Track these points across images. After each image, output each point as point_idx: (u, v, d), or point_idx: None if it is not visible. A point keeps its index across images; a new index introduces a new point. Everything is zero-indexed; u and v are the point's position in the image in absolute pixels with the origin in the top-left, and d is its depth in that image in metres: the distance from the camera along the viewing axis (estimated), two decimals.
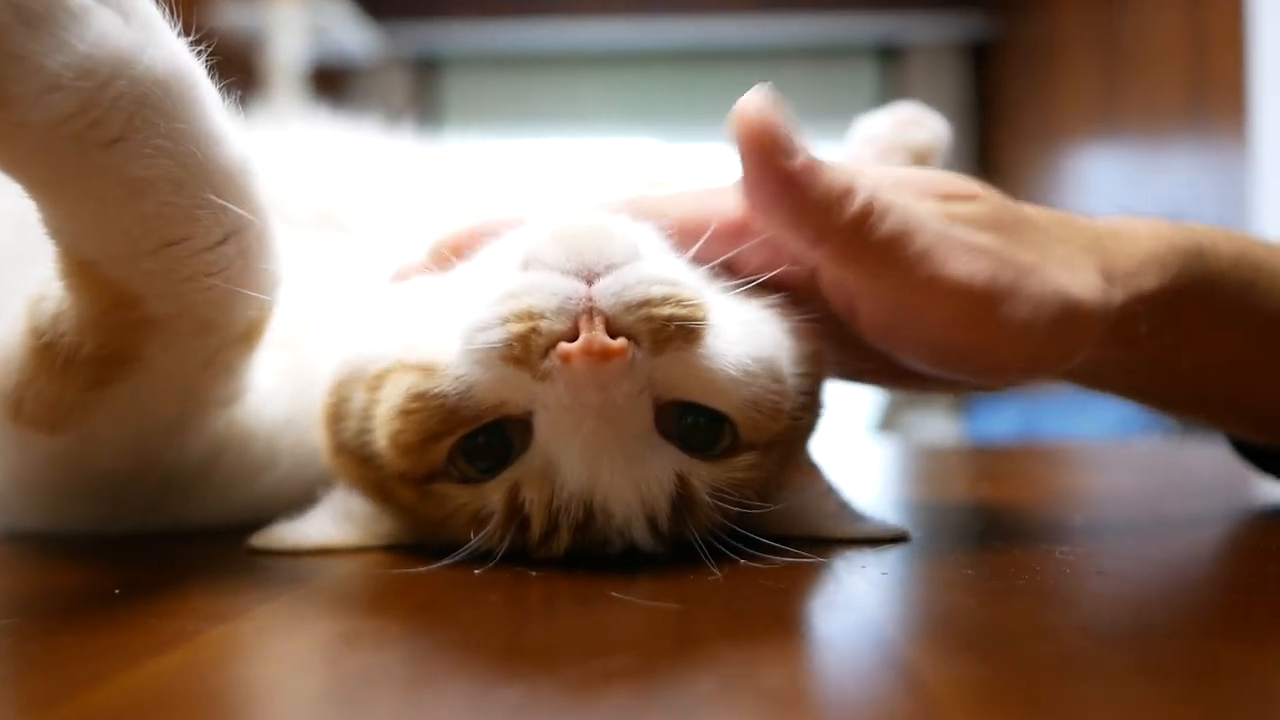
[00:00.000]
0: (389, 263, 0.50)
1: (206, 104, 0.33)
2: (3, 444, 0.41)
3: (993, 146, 3.78)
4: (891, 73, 3.88)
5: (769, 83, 0.37)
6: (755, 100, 0.36)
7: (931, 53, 3.82)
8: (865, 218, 0.36)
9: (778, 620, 0.32)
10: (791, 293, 0.41)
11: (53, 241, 0.35)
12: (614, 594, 0.33)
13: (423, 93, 3.97)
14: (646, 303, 0.35)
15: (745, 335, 0.38)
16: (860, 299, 0.40)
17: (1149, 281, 0.41)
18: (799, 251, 0.39)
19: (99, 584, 0.36)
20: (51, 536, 0.45)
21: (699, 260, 0.40)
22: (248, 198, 0.35)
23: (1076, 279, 0.39)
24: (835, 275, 0.39)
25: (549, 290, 0.35)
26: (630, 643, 0.27)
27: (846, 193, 0.36)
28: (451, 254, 0.41)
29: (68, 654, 0.27)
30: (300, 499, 0.43)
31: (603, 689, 0.24)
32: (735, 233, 0.40)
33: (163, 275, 0.34)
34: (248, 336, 0.39)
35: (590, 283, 0.35)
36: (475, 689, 0.24)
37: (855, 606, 0.32)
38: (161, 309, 0.35)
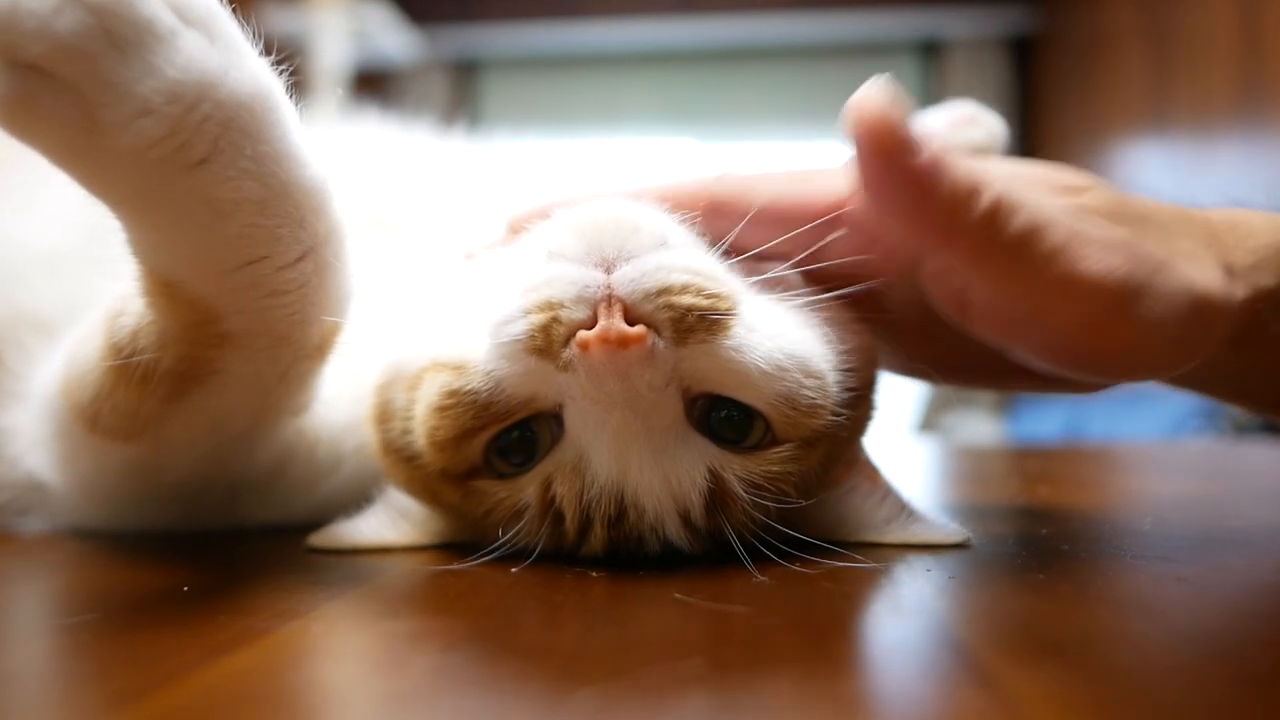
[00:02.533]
0: (433, 263, 0.50)
1: (287, 124, 0.33)
2: (78, 452, 0.42)
3: (1037, 143, 3.71)
4: (934, 69, 3.83)
5: (885, 76, 0.34)
6: (876, 94, 0.33)
7: (974, 48, 3.77)
8: (995, 215, 0.34)
9: (847, 625, 0.31)
10: (854, 283, 0.40)
11: (135, 260, 0.35)
12: (679, 596, 0.32)
13: (462, 94, 4.00)
14: (665, 290, 0.35)
15: (779, 329, 0.37)
16: (978, 296, 0.37)
17: (1268, 278, 0.38)
18: (920, 250, 0.37)
19: (169, 581, 0.36)
20: (118, 534, 0.45)
21: (790, 250, 0.39)
22: (326, 215, 0.35)
23: (1202, 273, 0.37)
24: (952, 272, 0.37)
25: (568, 280, 0.35)
26: (701, 646, 0.27)
27: (974, 190, 0.34)
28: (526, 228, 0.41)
29: (146, 651, 0.27)
30: (361, 500, 0.43)
31: (679, 693, 0.23)
32: (830, 221, 0.39)
33: (243, 292, 0.34)
34: (321, 349, 0.39)
35: (610, 272, 0.35)
36: (550, 691, 0.24)
37: (925, 611, 0.32)
38: (240, 325, 0.36)
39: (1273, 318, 0.38)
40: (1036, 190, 0.37)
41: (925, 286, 0.39)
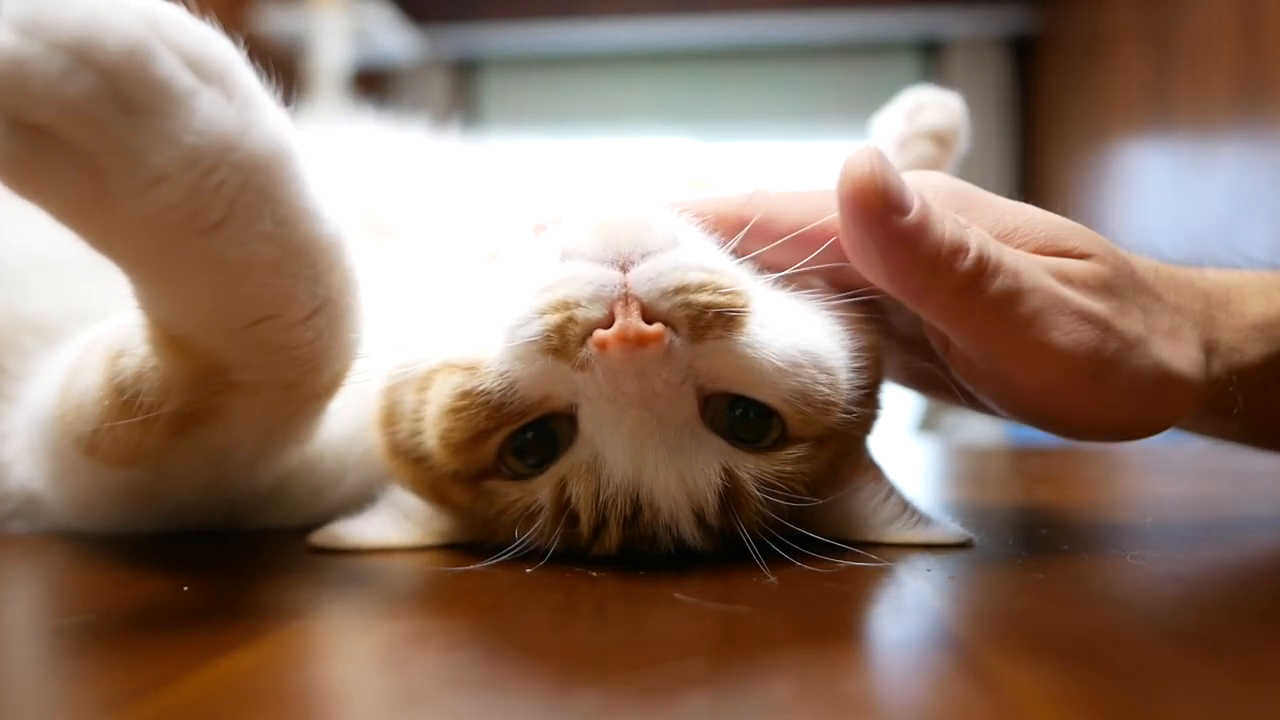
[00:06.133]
0: (433, 267, 0.50)
1: (303, 180, 0.31)
2: (74, 471, 0.41)
3: (1037, 144, 3.71)
4: (933, 68, 3.83)
5: (873, 145, 0.35)
6: (864, 156, 0.34)
7: (974, 47, 3.77)
8: (977, 277, 0.35)
9: (848, 624, 0.31)
10: (863, 291, 0.40)
11: (141, 313, 0.34)
12: (679, 596, 0.32)
13: (462, 94, 4.00)
14: (683, 288, 0.35)
15: (792, 326, 0.37)
16: (955, 344, 0.38)
17: (1251, 353, 0.40)
18: (901, 301, 0.37)
19: (169, 581, 0.36)
20: (117, 535, 0.45)
21: (806, 266, 0.39)
22: (340, 269, 0.34)
23: (1179, 353, 0.38)
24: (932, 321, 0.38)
25: (584, 279, 0.35)
26: (702, 646, 0.27)
27: (957, 250, 0.35)
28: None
29: (145, 651, 0.27)
30: (366, 504, 0.43)
31: (679, 693, 0.23)
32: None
33: (254, 347, 0.34)
34: (330, 388, 0.39)
35: (626, 270, 0.35)
36: (551, 691, 0.24)
37: (925, 610, 0.32)
38: (249, 375, 0.35)
39: (1249, 395, 0.39)
40: (1025, 247, 0.37)
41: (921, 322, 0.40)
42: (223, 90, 0.29)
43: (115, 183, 0.27)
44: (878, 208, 0.34)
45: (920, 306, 0.36)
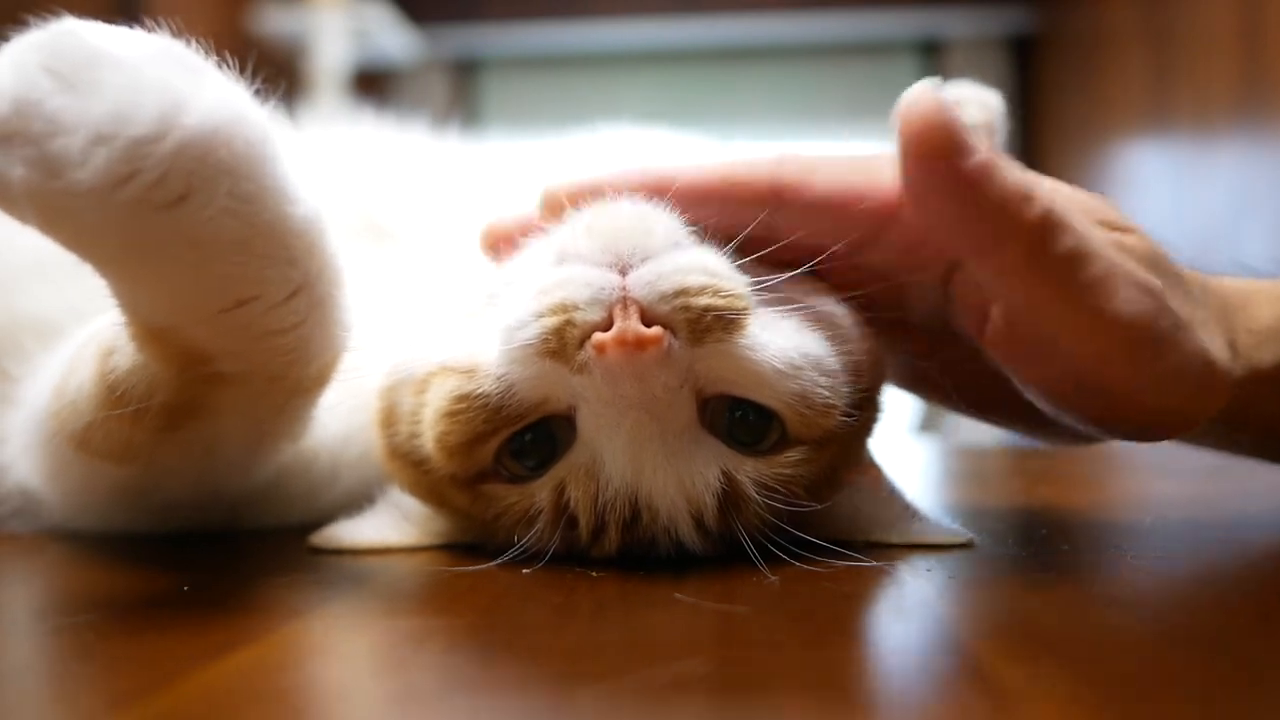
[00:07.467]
0: (433, 268, 0.50)
1: (272, 157, 0.31)
2: (69, 467, 0.41)
3: (1037, 143, 3.71)
4: (933, 68, 3.82)
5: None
6: (926, 94, 0.33)
7: (974, 47, 3.77)
8: (1045, 231, 0.34)
9: (849, 625, 0.31)
10: (872, 285, 0.40)
11: (123, 313, 0.34)
12: (680, 596, 0.32)
13: (463, 94, 4.00)
14: (682, 292, 0.34)
15: (792, 328, 0.37)
16: (1003, 311, 0.37)
17: (1265, 356, 0.39)
18: (962, 254, 0.36)
19: (169, 581, 0.36)
20: (117, 534, 0.45)
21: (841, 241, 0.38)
22: (317, 251, 0.34)
23: (1214, 343, 0.37)
24: (983, 284, 0.37)
25: (582, 282, 0.35)
26: (703, 646, 0.27)
27: (1026, 198, 0.33)
28: (567, 204, 0.39)
29: (146, 651, 0.27)
30: (364, 503, 0.43)
31: (680, 693, 0.23)
32: (885, 215, 0.38)
33: (234, 334, 0.33)
34: (318, 381, 0.38)
35: (625, 274, 0.35)
36: (550, 691, 0.24)
37: (927, 611, 0.32)
38: (234, 366, 0.35)
39: (1261, 400, 0.39)
40: (1081, 217, 0.36)
41: (954, 295, 0.39)
42: (159, 63, 0.29)
43: (52, 147, 0.27)
44: (945, 148, 0.32)
45: (986, 260, 0.35)
